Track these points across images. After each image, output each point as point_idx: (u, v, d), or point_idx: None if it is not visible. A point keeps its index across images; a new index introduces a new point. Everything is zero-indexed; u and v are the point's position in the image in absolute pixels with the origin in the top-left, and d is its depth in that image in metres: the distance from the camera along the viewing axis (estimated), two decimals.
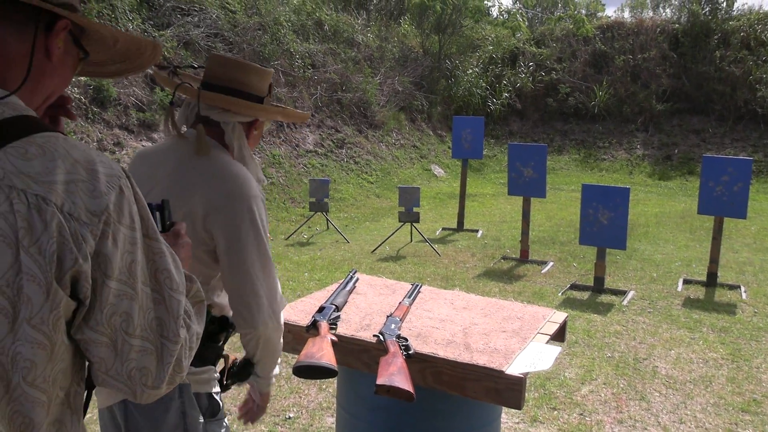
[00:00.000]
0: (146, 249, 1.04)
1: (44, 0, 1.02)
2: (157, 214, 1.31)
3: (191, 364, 1.74)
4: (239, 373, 1.93)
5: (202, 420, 1.75)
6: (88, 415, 3.50)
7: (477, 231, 9.23)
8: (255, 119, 1.88)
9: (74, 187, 0.94)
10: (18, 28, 1.02)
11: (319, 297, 2.48)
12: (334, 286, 2.55)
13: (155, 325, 1.04)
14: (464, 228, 9.35)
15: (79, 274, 0.94)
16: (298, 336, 2.21)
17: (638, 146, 16.04)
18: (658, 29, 17.47)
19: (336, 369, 1.84)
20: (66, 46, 1.10)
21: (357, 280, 2.63)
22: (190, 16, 11.25)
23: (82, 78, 8.57)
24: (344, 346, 2.09)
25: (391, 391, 1.80)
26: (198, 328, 1.18)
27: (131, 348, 1.02)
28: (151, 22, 10.63)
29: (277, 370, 1.91)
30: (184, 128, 1.89)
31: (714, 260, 6.55)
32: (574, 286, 6.47)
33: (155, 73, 1.97)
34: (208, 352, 1.80)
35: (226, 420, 1.91)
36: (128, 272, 1.00)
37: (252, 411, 1.96)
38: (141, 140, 8.97)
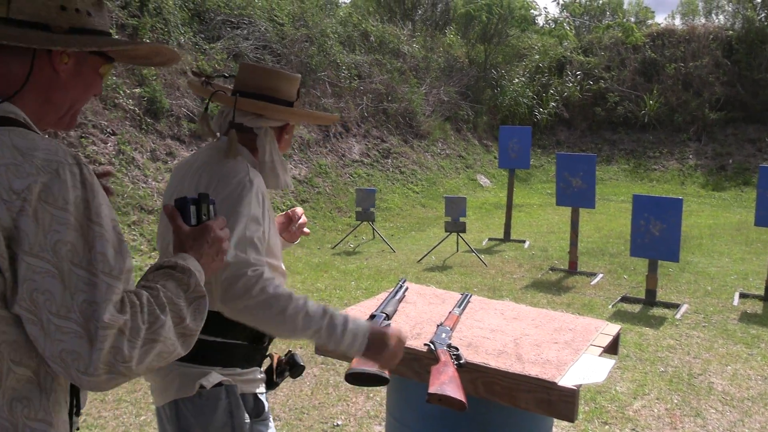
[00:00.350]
0: (84, 231, 1.06)
1: (43, 30, 1.18)
2: (192, 207, 1.33)
3: (238, 366, 1.79)
4: (287, 370, 1.99)
5: (248, 420, 1.80)
6: (141, 417, 3.58)
7: (524, 242, 9.14)
8: (286, 123, 1.94)
9: (4, 170, 1.03)
10: (18, 53, 1.17)
11: (369, 305, 2.49)
12: (383, 295, 2.56)
13: (86, 307, 1.03)
14: (511, 238, 9.27)
15: None
16: None
17: (690, 156, 15.66)
18: (711, 36, 17.07)
19: (388, 377, 1.84)
20: (78, 59, 1.23)
21: (407, 289, 2.64)
22: (239, 29, 11.48)
23: (136, 90, 8.84)
24: None
25: (443, 400, 1.80)
26: (192, 323, 1.18)
27: (57, 328, 1.02)
28: (202, 35, 10.89)
29: (339, 328, 1.68)
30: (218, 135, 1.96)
31: None
32: (624, 299, 6.34)
33: (189, 82, 2.03)
34: (253, 353, 1.85)
35: (271, 420, 1.95)
36: (52, 251, 1.02)
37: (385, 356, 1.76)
38: (192, 150, 9.17)
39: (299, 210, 2.25)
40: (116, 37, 1.42)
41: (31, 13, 1.17)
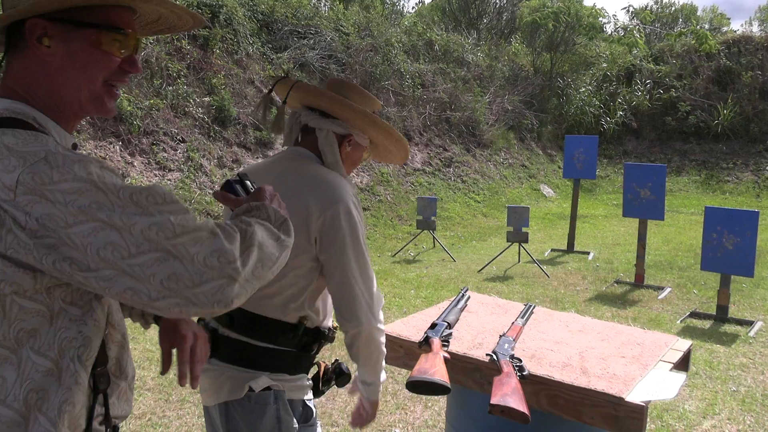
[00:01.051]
0: (101, 186, 0.99)
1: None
2: (237, 186, 1.39)
3: (286, 372, 1.81)
4: (333, 379, 2.00)
5: (296, 425, 1.82)
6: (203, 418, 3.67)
7: (588, 253, 8.94)
8: (349, 134, 1.91)
9: None
10: (15, 50, 1.14)
11: (431, 314, 2.48)
12: (445, 304, 2.55)
13: (152, 233, 0.98)
14: (575, 250, 9.08)
15: (13, 242, 0.97)
16: (410, 351, 2.22)
17: (767, 168, 15.01)
18: None
19: (449, 386, 1.83)
20: (60, 39, 1.11)
21: (469, 298, 2.62)
22: (306, 39, 11.69)
23: (206, 99, 9.11)
24: (456, 363, 2.08)
25: (506, 411, 1.77)
26: (287, 239, 1.20)
27: (141, 266, 0.97)
28: (270, 45, 11.14)
29: (383, 377, 1.93)
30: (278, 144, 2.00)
31: None
32: (694, 314, 6.12)
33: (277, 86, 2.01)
34: (301, 361, 1.88)
35: (319, 426, 1.97)
36: (83, 213, 0.96)
37: (362, 417, 2.00)
38: (257, 157, 9.37)
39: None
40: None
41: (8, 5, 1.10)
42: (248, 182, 1.42)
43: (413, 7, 21.01)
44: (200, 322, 1.87)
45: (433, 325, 2.21)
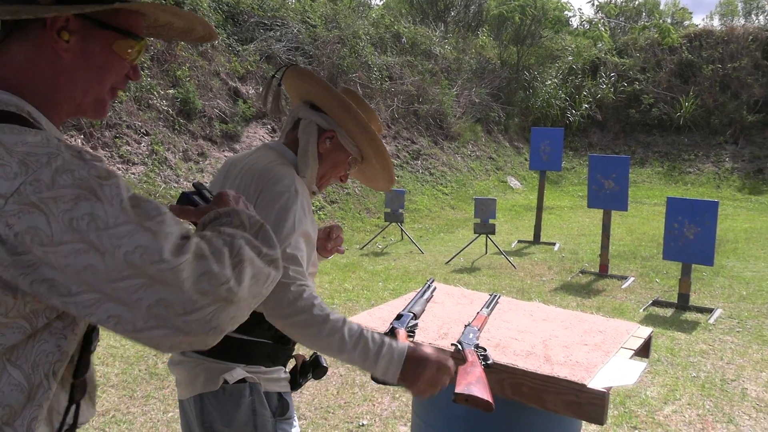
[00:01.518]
0: (95, 195, 0.92)
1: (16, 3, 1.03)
2: (195, 197, 1.29)
3: (262, 364, 1.80)
4: (310, 371, 2.00)
5: (272, 418, 1.81)
6: (169, 413, 3.63)
7: (554, 244, 9.05)
8: (331, 129, 1.86)
9: None
10: (18, 38, 1.06)
11: (397, 305, 2.49)
12: (411, 295, 2.56)
13: (135, 256, 0.91)
14: (541, 241, 9.19)
15: None
16: None
17: (727, 159, 15.36)
18: (750, 37, 16.73)
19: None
20: (81, 36, 1.07)
21: (435, 289, 2.63)
22: (272, 31, 11.59)
23: (170, 91, 8.98)
24: None
25: (470, 400, 1.78)
26: (269, 250, 1.08)
27: (125, 290, 0.90)
28: (236, 37, 11.01)
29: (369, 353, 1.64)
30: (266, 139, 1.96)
31: None
32: (656, 303, 6.24)
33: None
34: (278, 353, 1.87)
35: (295, 419, 1.96)
36: (71, 230, 0.89)
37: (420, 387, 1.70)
38: (224, 150, 9.28)
39: (339, 229, 2.19)
40: None
41: None
42: (205, 192, 1.32)
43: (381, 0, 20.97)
44: None
45: (399, 316, 2.21)
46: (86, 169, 0.93)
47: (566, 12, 19.60)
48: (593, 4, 22.59)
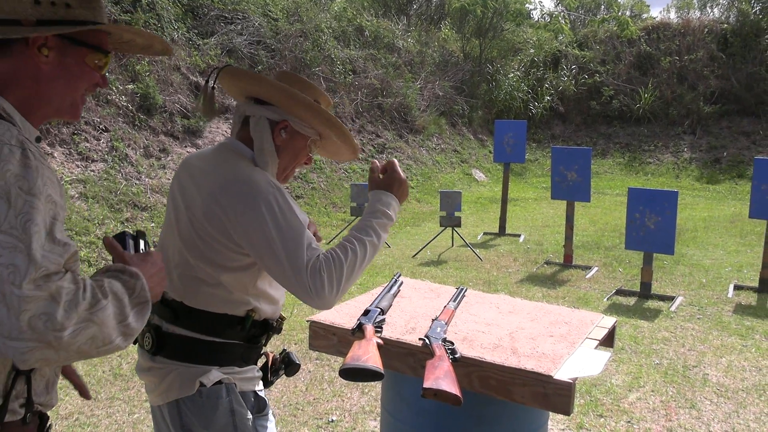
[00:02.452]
0: (14, 200, 1.06)
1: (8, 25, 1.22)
2: (130, 241, 1.39)
3: (235, 364, 1.78)
4: (282, 368, 1.99)
5: (250, 416, 1.80)
6: (135, 414, 3.57)
7: (519, 235, 9.14)
8: (283, 119, 1.81)
9: None
10: (3, 51, 1.24)
11: (364, 300, 2.48)
12: (378, 290, 2.55)
13: (3, 270, 1.01)
14: (506, 232, 9.27)
15: None
16: (343, 339, 2.21)
17: (685, 149, 15.69)
18: (706, 29, 17.08)
19: (382, 372, 1.83)
20: (59, 51, 1.27)
21: (401, 283, 2.63)
22: (233, 25, 11.43)
23: (129, 86, 8.80)
24: (389, 349, 2.08)
25: (438, 394, 1.79)
26: (135, 323, 1.18)
27: None
28: (196, 31, 10.84)
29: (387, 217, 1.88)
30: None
31: (766, 265, 6.35)
32: (619, 292, 6.35)
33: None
34: (250, 353, 1.85)
35: (271, 415, 1.95)
36: None
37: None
38: (186, 146, 9.14)
39: (314, 225, 2.16)
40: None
41: (8, 11, 1.21)
42: (142, 242, 1.42)
43: None
44: None
45: (366, 312, 2.20)
46: (21, 174, 1.08)
47: (527, 5, 19.77)
48: None
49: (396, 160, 1.97)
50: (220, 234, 1.70)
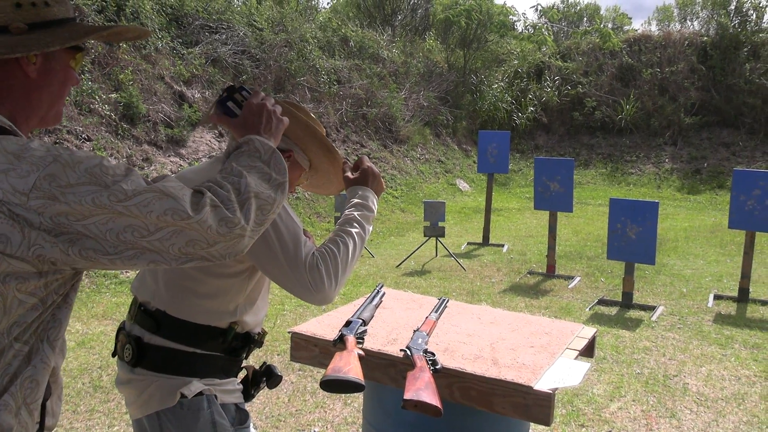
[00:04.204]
0: (105, 180, 1.11)
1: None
2: (230, 104, 1.51)
3: (216, 377, 1.78)
4: (263, 381, 1.98)
5: (231, 429, 1.80)
6: (115, 427, 3.53)
7: (503, 246, 9.18)
8: (289, 149, 1.84)
9: (3, 176, 1.05)
10: None
11: (346, 311, 2.48)
12: (360, 301, 2.55)
13: (168, 215, 1.12)
14: (490, 243, 9.31)
15: (38, 246, 1.07)
16: (324, 350, 2.21)
17: (666, 160, 15.86)
18: (686, 42, 17.32)
19: (363, 383, 1.84)
20: (45, 57, 1.25)
21: (383, 294, 2.63)
22: (218, 34, 11.43)
23: (113, 95, 8.75)
24: (371, 360, 2.09)
25: (419, 406, 1.79)
26: (278, 175, 1.33)
27: (159, 240, 1.13)
28: (180, 40, 10.82)
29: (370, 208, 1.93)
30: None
31: (746, 275, 6.43)
32: (601, 302, 6.40)
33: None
34: (230, 365, 1.85)
35: (252, 428, 1.95)
36: (98, 207, 1.08)
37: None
38: (169, 156, 9.10)
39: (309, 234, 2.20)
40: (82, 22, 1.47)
41: None
42: (239, 94, 1.51)
43: (328, 3, 20.94)
44: (122, 331, 1.80)
45: (348, 323, 2.21)
46: (94, 161, 1.12)
47: (511, 16, 19.95)
48: (537, 9, 23.08)
49: (365, 156, 2.00)
50: None
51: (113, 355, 1.87)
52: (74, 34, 1.25)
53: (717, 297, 6.56)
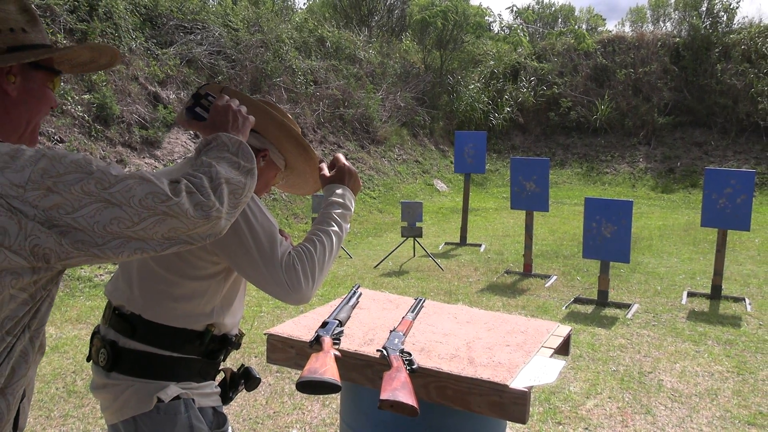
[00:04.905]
0: (91, 169, 1.17)
1: None
2: (198, 110, 1.60)
3: (193, 380, 1.77)
4: (241, 384, 1.97)
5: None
6: None
7: (480, 245, 9.22)
8: (264, 148, 1.85)
9: (0, 172, 1.13)
10: None
11: (322, 312, 2.48)
12: (337, 302, 2.55)
13: (148, 199, 1.18)
14: (467, 242, 9.35)
15: (33, 235, 1.12)
16: (301, 351, 2.20)
17: (640, 159, 16.06)
18: (659, 43, 17.55)
19: (339, 384, 1.83)
20: (23, 77, 1.35)
21: (360, 295, 2.63)
22: (192, 35, 11.33)
23: (85, 96, 8.64)
24: (348, 361, 2.08)
25: (395, 406, 1.79)
26: (246, 162, 1.41)
27: (144, 229, 1.19)
28: (154, 41, 10.71)
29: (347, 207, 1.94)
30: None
31: (718, 273, 6.53)
32: (577, 300, 6.45)
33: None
34: (208, 368, 1.84)
35: (231, 429, 1.94)
36: (86, 195, 1.15)
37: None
38: (144, 157, 9.01)
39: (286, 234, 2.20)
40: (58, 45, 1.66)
41: None
42: (204, 101, 1.59)
43: (304, 3, 20.89)
44: (97, 335, 1.78)
45: (324, 324, 2.20)
46: (79, 155, 1.19)
47: (487, 17, 20.06)
48: (512, 11, 23.23)
49: (341, 154, 2.00)
50: None
51: (88, 360, 1.84)
52: (46, 51, 1.35)
53: (690, 294, 6.65)
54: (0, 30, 1.30)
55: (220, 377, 1.95)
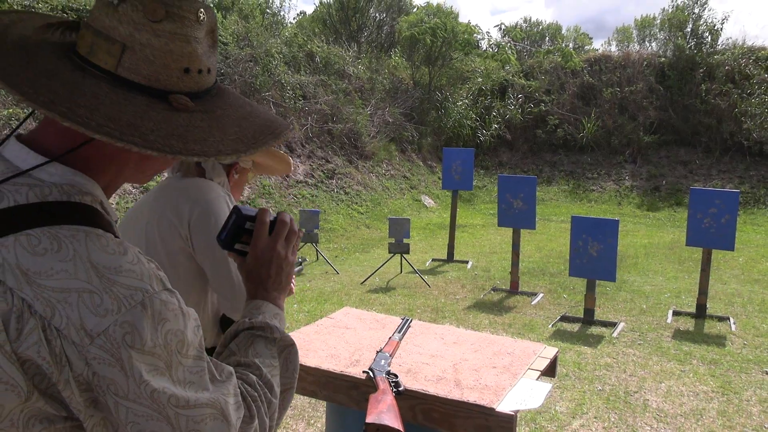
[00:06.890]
0: (175, 371, 0.89)
1: None
2: (237, 247, 1.23)
3: None
4: None
5: None
6: None
7: (467, 262, 9.23)
8: (234, 162, 1.93)
9: (75, 297, 0.82)
10: None
11: (308, 332, 2.46)
12: (324, 321, 2.53)
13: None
14: (454, 259, 9.35)
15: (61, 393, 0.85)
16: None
17: (626, 177, 16.19)
18: (645, 62, 17.76)
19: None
20: None
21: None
22: None
23: None
24: (333, 382, 2.07)
25: (381, 429, 1.78)
26: (287, 379, 1.14)
27: None
28: None
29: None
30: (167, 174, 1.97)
31: (703, 292, 6.57)
32: (564, 318, 6.46)
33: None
34: None
35: None
36: (150, 399, 0.86)
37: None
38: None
39: None
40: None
41: (148, 75, 0.92)
42: (244, 227, 1.21)
43: (294, 18, 20.96)
44: None
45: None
46: (177, 325, 0.89)
47: (475, 35, 20.22)
48: (500, 29, 23.44)
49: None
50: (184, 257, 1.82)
51: None
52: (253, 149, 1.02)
53: (676, 313, 6.68)
54: (189, 70, 0.96)
55: None
